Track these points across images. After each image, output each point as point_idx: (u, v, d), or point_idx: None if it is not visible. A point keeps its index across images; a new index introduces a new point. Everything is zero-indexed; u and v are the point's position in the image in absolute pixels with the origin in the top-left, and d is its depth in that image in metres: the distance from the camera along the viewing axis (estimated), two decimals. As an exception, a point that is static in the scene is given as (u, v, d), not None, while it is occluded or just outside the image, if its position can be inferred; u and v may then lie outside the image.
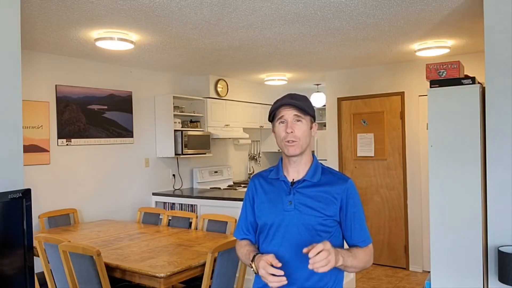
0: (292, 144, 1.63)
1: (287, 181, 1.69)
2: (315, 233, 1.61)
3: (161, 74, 5.59)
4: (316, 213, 1.62)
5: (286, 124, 1.64)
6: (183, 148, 5.32)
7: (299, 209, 1.63)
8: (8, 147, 2.03)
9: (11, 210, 1.83)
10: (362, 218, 1.69)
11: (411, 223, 5.24)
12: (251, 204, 1.78)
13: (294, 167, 1.69)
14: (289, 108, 1.64)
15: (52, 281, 3.20)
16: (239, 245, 1.80)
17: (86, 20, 3.27)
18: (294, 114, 1.64)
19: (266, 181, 1.76)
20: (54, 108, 4.37)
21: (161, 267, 2.77)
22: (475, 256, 2.64)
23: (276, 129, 1.68)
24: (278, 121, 1.67)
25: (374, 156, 5.49)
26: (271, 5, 3.01)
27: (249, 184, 1.83)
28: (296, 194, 1.65)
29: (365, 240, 1.67)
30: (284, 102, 1.65)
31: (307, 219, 1.62)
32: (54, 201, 4.34)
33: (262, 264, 1.51)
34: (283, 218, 1.64)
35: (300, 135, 1.64)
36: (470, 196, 2.67)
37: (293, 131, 1.63)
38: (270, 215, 1.68)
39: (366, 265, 1.65)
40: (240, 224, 1.82)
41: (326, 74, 5.93)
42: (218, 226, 3.94)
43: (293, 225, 1.62)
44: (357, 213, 1.67)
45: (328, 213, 1.63)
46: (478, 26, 3.59)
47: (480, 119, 2.65)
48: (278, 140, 1.68)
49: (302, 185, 1.67)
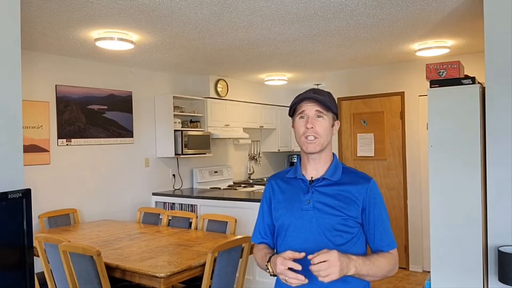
0: (313, 141, 1.54)
1: (305, 179, 1.61)
2: (336, 234, 1.51)
3: (161, 74, 5.59)
4: (336, 212, 1.52)
5: (307, 119, 1.55)
6: (183, 148, 5.32)
7: (318, 208, 1.54)
8: (8, 147, 2.03)
9: (11, 210, 1.83)
10: (386, 220, 1.58)
11: (411, 223, 5.24)
12: (268, 206, 1.70)
13: (313, 165, 1.61)
14: (311, 102, 1.55)
15: (52, 281, 3.20)
16: (257, 249, 1.71)
17: (86, 20, 3.27)
18: (315, 110, 1.55)
19: (283, 180, 1.68)
20: (54, 108, 4.38)
21: (161, 267, 2.77)
22: (475, 256, 2.64)
23: (296, 124, 1.59)
24: (298, 115, 1.57)
25: (374, 156, 5.49)
26: (271, 5, 3.01)
27: (266, 186, 1.75)
28: (314, 192, 1.56)
29: (389, 244, 1.56)
30: (306, 96, 1.56)
31: (327, 218, 1.52)
32: (54, 201, 4.34)
33: (279, 261, 1.41)
34: (301, 218, 1.55)
35: (321, 131, 1.54)
36: (470, 196, 2.66)
37: (313, 127, 1.53)
38: (287, 214, 1.59)
39: (389, 273, 1.53)
40: (258, 228, 1.73)
41: (326, 74, 5.93)
42: (218, 226, 3.94)
43: (312, 224, 1.53)
44: (380, 215, 1.57)
45: (349, 213, 1.52)
46: (478, 26, 3.59)
47: (480, 119, 2.65)
48: (297, 136, 1.59)
49: (321, 184, 1.58)
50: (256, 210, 1.79)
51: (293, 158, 7.89)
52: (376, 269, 1.47)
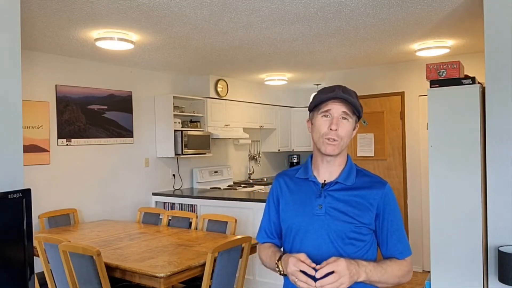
0: (333, 143, 1.45)
1: (318, 182, 1.52)
2: (348, 242, 1.45)
3: (161, 74, 5.59)
4: (349, 219, 1.45)
5: (332, 120, 1.45)
6: (183, 148, 5.33)
7: (330, 213, 1.46)
8: (8, 147, 2.03)
9: (11, 210, 1.83)
10: (400, 227, 1.50)
11: (411, 223, 5.24)
12: (276, 205, 1.61)
13: (327, 167, 1.52)
14: (339, 102, 1.45)
15: (52, 281, 3.20)
16: (262, 247, 1.63)
17: (86, 20, 3.27)
18: (342, 111, 1.45)
19: (292, 180, 1.59)
20: (54, 108, 4.38)
21: (161, 267, 2.77)
22: (475, 256, 2.64)
23: (317, 122, 1.48)
24: (321, 113, 1.47)
25: (374, 156, 5.49)
26: (271, 5, 3.01)
27: (273, 183, 1.65)
28: (327, 197, 1.48)
29: (403, 252, 1.49)
30: (336, 95, 1.45)
31: (339, 226, 1.44)
32: (54, 201, 4.34)
33: (292, 261, 1.34)
34: (311, 223, 1.47)
35: (344, 135, 1.45)
36: (470, 196, 2.67)
37: (337, 129, 1.44)
38: (296, 218, 1.51)
39: (402, 280, 1.46)
40: (263, 226, 1.65)
41: (326, 74, 5.93)
42: (218, 226, 3.94)
43: (323, 231, 1.45)
44: (394, 221, 1.49)
45: (362, 220, 1.45)
46: (478, 26, 3.59)
47: (480, 119, 2.65)
48: (316, 134, 1.48)
49: (334, 188, 1.49)
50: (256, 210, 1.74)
51: (293, 158, 7.88)
52: (387, 276, 1.42)
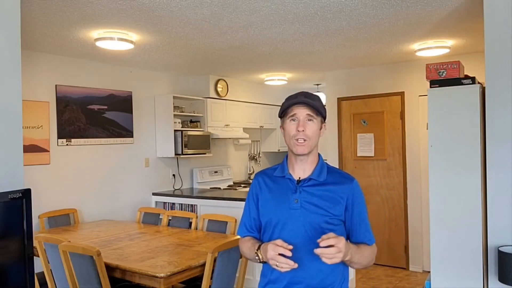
0: (303, 144, 1.63)
1: (293, 179, 1.68)
2: (321, 232, 1.59)
3: (161, 74, 5.59)
4: (322, 212, 1.62)
5: (298, 122, 1.63)
6: (183, 148, 5.33)
7: (306, 207, 1.62)
8: (8, 147, 2.03)
9: (11, 210, 1.83)
10: (366, 218, 1.70)
11: (411, 223, 5.24)
12: (255, 202, 1.76)
13: (300, 165, 1.69)
14: (302, 106, 1.63)
15: (52, 281, 3.20)
16: (243, 240, 1.78)
17: (86, 20, 3.27)
18: (306, 113, 1.63)
19: (270, 178, 1.75)
20: (54, 108, 4.38)
21: (161, 267, 2.77)
22: (475, 256, 2.64)
23: (287, 126, 1.67)
24: (289, 118, 1.65)
25: (374, 156, 5.49)
26: (271, 5, 3.01)
27: (253, 181, 1.81)
28: (302, 192, 1.65)
29: (370, 240, 1.69)
30: (299, 101, 1.64)
31: (314, 218, 1.61)
32: (54, 201, 4.34)
33: (270, 247, 1.49)
34: (289, 217, 1.64)
35: (311, 134, 1.63)
36: (470, 196, 2.67)
37: (304, 130, 1.62)
38: (275, 213, 1.67)
39: (370, 262, 1.67)
40: (244, 222, 1.80)
41: (326, 74, 5.93)
42: (218, 226, 3.94)
43: (300, 223, 1.62)
44: (362, 213, 1.68)
45: (334, 212, 1.63)
46: (478, 26, 3.59)
47: (480, 119, 2.65)
48: (287, 137, 1.67)
49: (308, 184, 1.66)
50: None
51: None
52: (363, 258, 1.61)
